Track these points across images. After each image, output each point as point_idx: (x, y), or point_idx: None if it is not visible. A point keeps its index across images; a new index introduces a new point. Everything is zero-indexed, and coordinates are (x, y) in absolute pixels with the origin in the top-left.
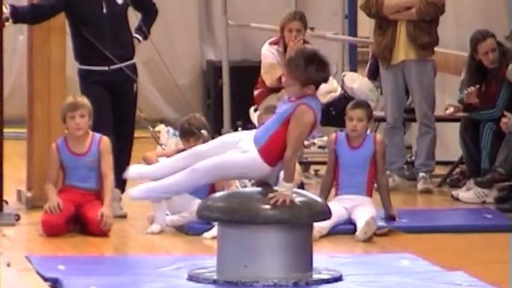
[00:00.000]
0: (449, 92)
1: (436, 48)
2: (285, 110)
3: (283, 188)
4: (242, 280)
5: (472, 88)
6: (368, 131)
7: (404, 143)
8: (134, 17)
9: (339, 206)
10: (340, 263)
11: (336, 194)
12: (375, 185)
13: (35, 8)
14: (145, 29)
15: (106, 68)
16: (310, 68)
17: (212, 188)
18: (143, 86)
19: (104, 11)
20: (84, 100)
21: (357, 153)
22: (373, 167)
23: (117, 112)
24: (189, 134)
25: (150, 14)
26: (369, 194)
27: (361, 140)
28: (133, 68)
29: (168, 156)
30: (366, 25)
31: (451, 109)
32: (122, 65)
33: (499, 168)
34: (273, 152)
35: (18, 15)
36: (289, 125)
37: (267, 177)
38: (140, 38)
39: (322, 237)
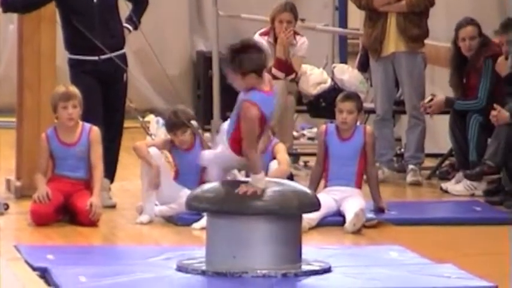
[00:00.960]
0: (439, 84)
1: (426, 41)
2: (236, 107)
3: (253, 180)
4: (231, 271)
5: (425, 101)
6: (358, 123)
7: (394, 135)
8: (125, 7)
9: (328, 198)
10: (329, 254)
11: (326, 186)
12: (365, 176)
13: None
14: (135, 19)
15: (96, 58)
16: (241, 56)
17: (202, 179)
18: (133, 76)
19: (94, 0)
20: (76, 90)
21: (347, 145)
22: (363, 159)
23: (107, 102)
24: (175, 127)
25: (140, 4)
26: (359, 186)
27: (351, 131)
28: (124, 58)
29: (157, 146)
30: (356, 17)
31: (429, 97)
32: (112, 54)
33: (488, 161)
34: (237, 145)
35: (9, 5)
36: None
37: (243, 165)
38: (130, 28)
39: (311, 228)
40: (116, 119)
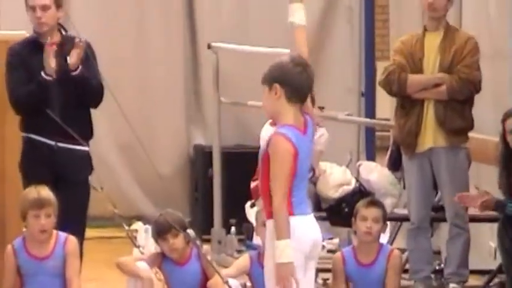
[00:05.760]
0: (486, 186)
1: (470, 134)
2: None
3: (278, 249)
4: None
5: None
6: (385, 239)
7: (432, 247)
8: None
9: None
10: None
11: None
12: None
13: None
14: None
15: (52, 143)
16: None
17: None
18: (118, 176)
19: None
20: (51, 195)
21: (370, 272)
22: None
23: (62, 208)
24: (164, 231)
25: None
26: None
27: (374, 254)
28: (87, 158)
29: (146, 261)
30: (386, 105)
31: (476, 191)
32: (72, 147)
33: None
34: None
35: None
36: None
37: None
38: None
39: None
40: (73, 231)
